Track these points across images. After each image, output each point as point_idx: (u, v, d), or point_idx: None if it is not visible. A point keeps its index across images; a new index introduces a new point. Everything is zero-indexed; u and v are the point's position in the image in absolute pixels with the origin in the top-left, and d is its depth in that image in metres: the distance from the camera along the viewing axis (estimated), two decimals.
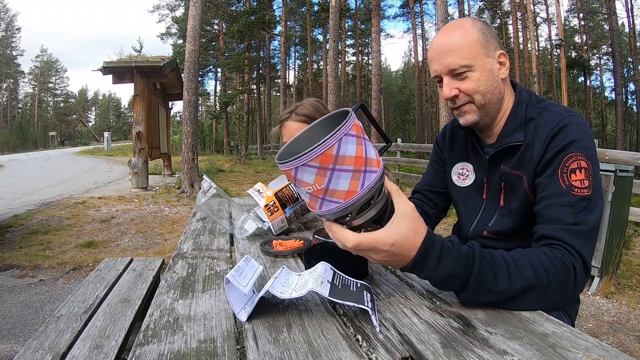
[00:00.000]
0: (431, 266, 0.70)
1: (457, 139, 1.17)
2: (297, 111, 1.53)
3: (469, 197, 1.12)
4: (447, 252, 0.71)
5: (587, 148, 0.88)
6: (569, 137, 0.88)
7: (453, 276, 0.71)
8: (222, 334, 0.68)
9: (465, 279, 0.71)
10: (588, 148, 0.88)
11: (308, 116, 1.50)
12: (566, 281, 0.77)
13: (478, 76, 0.95)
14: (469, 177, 1.12)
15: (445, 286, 0.75)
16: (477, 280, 0.71)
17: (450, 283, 0.73)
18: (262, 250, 1.15)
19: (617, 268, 3.22)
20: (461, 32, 0.95)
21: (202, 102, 42.88)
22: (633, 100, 25.41)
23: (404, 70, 51.81)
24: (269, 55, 27.10)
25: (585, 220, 0.83)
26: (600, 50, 30.11)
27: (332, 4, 11.85)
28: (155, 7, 35.02)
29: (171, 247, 4.27)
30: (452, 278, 0.71)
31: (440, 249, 0.70)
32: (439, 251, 0.70)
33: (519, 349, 0.60)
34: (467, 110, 0.99)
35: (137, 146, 8.35)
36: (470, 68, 0.94)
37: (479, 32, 0.95)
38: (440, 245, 0.71)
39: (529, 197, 0.95)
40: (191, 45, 8.17)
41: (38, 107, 59.88)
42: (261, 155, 21.52)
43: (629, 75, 24.15)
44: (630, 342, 2.40)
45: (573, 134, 0.88)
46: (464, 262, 0.71)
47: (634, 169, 3.46)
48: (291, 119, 1.52)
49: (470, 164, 1.12)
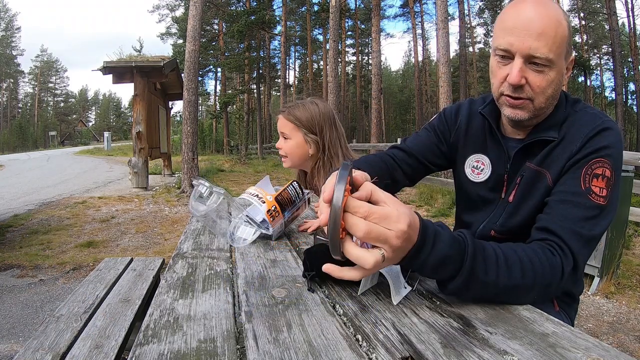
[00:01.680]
0: (427, 251, 0.64)
1: (474, 127, 1.06)
2: (291, 109, 1.59)
3: (482, 194, 1.04)
4: (439, 235, 0.66)
5: (616, 159, 0.85)
6: (604, 141, 0.85)
7: (448, 259, 0.66)
8: (222, 334, 0.68)
9: (459, 263, 0.67)
10: (617, 159, 0.86)
11: (296, 117, 1.56)
12: (552, 283, 0.76)
13: (553, 76, 0.85)
14: (484, 171, 1.03)
15: (436, 273, 0.70)
16: (470, 266, 0.68)
17: (443, 268, 0.68)
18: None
19: (617, 268, 3.22)
20: (557, 20, 0.83)
21: (202, 102, 42.89)
22: (633, 100, 25.40)
23: (404, 70, 51.81)
24: (269, 55, 27.11)
25: (592, 227, 0.81)
26: (601, 50, 30.13)
27: (332, 3, 11.85)
28: (155, 7, 35.04)
29: (171, 247, 4.27)
30: (446, 261, 0.66)
31: (434, 231, 0.66)
32: (433, 234, 0.65)
33: (519, 348, 0.60)
34: (522, 106, 0.88)
35: (137, 146, 8.35)
36: (551, 64, 0.83)
37: (568, 29, 0.85)
38: (433, 228, 0.66)
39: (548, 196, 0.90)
40: (191, 45, 8.17)
41: (38, 107, 59.88)
42: (261, 155, 21.52)
43: (629, 75, 24.16)
44: (630, 342, 2.40)
45: (609, 139, 0.86)
46: (457, 246, 0.67)
47: (634, 169, 3.45)
48: (282, 114, 1.60)
49: (487, 156, 1.03)
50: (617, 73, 18.25)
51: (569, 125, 0.91)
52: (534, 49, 0.81)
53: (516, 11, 0.85)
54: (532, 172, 0.93)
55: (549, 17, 0.82)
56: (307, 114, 1.56)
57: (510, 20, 0.84)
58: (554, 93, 0.88)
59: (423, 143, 1.13)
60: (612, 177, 0.84)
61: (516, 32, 0.82)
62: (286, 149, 1.59)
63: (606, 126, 0.87)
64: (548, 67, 0.84)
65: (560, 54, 0.84)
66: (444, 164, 1.15)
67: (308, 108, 1.58)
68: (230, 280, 0.94)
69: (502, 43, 0.85)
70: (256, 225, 1.27)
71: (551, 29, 0.81)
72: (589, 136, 0.86)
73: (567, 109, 0.94)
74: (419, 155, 1.12)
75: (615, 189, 0.84)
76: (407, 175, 1.13)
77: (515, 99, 0.87)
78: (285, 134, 1.58)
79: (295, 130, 1.57)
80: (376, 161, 1.10)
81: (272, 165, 15.92)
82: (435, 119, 1.15)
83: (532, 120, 0.94)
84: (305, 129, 1.56)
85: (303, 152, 1.59)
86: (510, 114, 0.90)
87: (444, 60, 9.48)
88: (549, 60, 0.82)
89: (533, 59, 0.83)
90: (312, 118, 1.56)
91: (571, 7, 28.65)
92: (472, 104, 1.07)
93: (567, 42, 0.85)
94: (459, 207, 1.16)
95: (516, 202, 0.96)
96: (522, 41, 0.82)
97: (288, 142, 1.58)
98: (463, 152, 1.09)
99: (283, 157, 1.62)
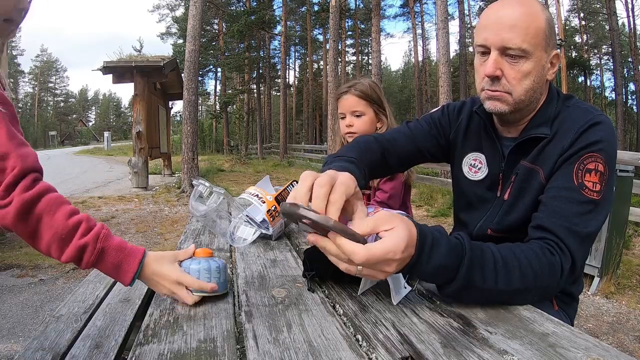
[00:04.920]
0: (423, 261, 0.66)
1: (473, 126, 1.07)
2: (356, 87, 1.64)
3: (479, 193, 1.05)
4: (437, 243, 0.67)
5: (609, 153, 0.85)
6: (596, 136, 0.85)
7: (443, 268, 0.68)
8: (222, 334, 0.68)
9: (454, 271, 0.69)
10: (610, 153, 0.85)
11: (365, 93, 1.61)
12: (551, 283, 0.76)
13: (529, 68, 0.86)
14: (482, 169, 1.03)
15: (434, 279, 0.73)
16: (466, 273, 0.69)
17: (439, 276, 0.70)
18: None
19: (617, 268, 3.22)
20: (531, 12, 0.85)
21: (202, 101, 42.84)
22: (633, 100, 25.38)
23: (404, 70, 51.75)
24: (269, 55, 27.08)
25: (587, 223, 0.81)
26: (601, 50, 30.10)
27: (332, 3, 11.84)
28: (155, 7, 34.99)
29: (171, 247, 4.26)
30: (441, 271, 0.68)
31: (432, 241, 0.67)
32: (431, 244, 0.67)
33: (519, 348, 0.60)
34: (500, 98, 0.90)
35: (137, 146, 8.34)
36: (526, 55, 0.85)
37: (547, 22, 0.86)
38: (431, 237, 0.67)
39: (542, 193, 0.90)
40: (191, 45, 8.16)
41: (38, 106, 59.87)
42: (261, 155, 21.53)
43: (629, 75, 24.13)
44: (630, 342, 2.40)
45: (601, 134, 0.85)
46: (454, 254, 0.69)
47: (634, 169, 3.45)
48: (350, 93, 1.64)
49: (483, 154, 1.04)
50: (617, 73, 18.25)
51: (561, 121, 0.91)
52: (507, 40, 0.84)
53: (491, 9, 0.90)
54: (526, 169, 0.93)
55: (521, 10, 0.85)
56: (373, 91, 1.63)
57: (486, 18, 0.89)
58: (533, 85, 0.89)
59: (424, 132, 1.13)
60: (605, 171, 0.83)
61: (490, 27, 0.87)
62: (359, 126, 1.63)
63: (598, 120, 0.86)
64: (524, 58, 0.86)
65: (536, 45, 0.85)
66: (440, 156, 1.16)
67: (371, 85, 1.65)
68: (230, 280, 0.94)
69: (478, 40, 0.90)
70: (256, 225, 1.27)
71: (523, 21, 0.84)
72: (580, 131, 0.86)
73: (559, 105, 0.94)
74: (418, 142, 1.13)
75: (609, 183, 0.84)
76: (401, 160, 1.12)
77: (493, 90, 0.90)
78: (358, 111, 1.63)
79: (368, 106, 1.63)
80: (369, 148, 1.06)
81: (272, 165, 15.92)
82: (438, 113, 1.15)
83: (516, 115, 0.94)
84: (377, 104, 1.64)
85: (374, 128, 1.65)
86: (490, 106, 0.92)
87: (444, 60, 9.47)
88: (523, 50, 0.84)
89: (507, 50, 0.85)
90: (378, 94, 1.64)
91: (571, 7, 28.66)
92: (474, 103, 1.07)
93: (544, 34, 0.86)
94: (457, 207, 1.16)
95: (511, 200, 0.96)
96: (496, 34, 0.85)
97: (361, 118, 1.63)
98: (461, 150, 1.09)
99: (352, 135, 1.64)
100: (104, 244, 0.77)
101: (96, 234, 0.77)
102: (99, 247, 0.76)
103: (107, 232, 0.79)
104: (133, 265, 0.78)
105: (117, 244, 0.78)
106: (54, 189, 0.80)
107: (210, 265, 0.81)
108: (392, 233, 0.63)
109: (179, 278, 0.79)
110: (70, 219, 0.76)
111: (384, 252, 0.62)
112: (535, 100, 0.93)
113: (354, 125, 1.63)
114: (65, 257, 0.75)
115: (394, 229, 0.64)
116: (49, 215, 0.75)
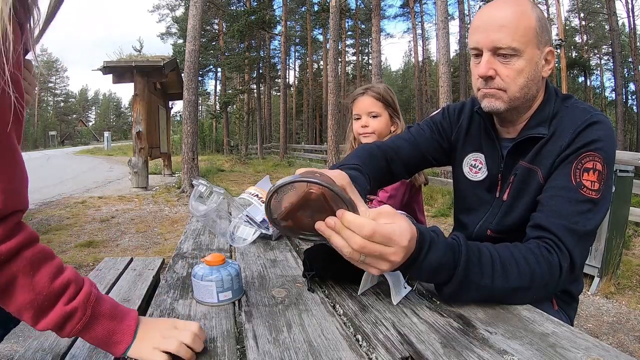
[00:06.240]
0: (421, 259, 0.67)
1: (474, 127, 1.07)
2: (372, 89, 1.70)
3: (479, 193, 1.05)
4: (434, 242, 0.68)
5: (607, 152, 0.85)
6: (594, 135, 0.85)
7: (441, 267, 0.69)
8: (222, 334, 0.68)
9: (452, 270, 0.70)
10: (608, 152, 0.85)
11: (382, 95, 1.66)
12: (550, 282, 0.77)
13: (522, 65, 0.87)
14: (482, 170, 1.04)
15: (431, 278, 0.73)
16: (464, 272, 0.70)
17: (438, 274, 0.71)
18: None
19: (617, 268, 3.22)
20: (519, 11, 0.86)
21: (202, 101, 42.86)
22: (633, 100, 25.39)
23: (404, 70, 51.77)
24: (269, 55, 27.10)
25: (585, 222, 0.81)
26: (601, 50, 30.10)
27: (332, 4, 11.84)
28: (155, 7, 34.98)
29: (171, 247, 4.26)
30: (440, 268, 0.69)
31: (430, 239, 0.68)
32: (429, 242, 0.68)
33: (519, 348, 0.60)
34: (495, 96, 0.91)
35: (137, 146, 8.34)
36: (517, 53, 0.86)
37: (537, 19, 0.87)
38: (429, 236, 0.68)
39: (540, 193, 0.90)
40: (191, 45, 8.16)
41: (38, 106, 59.87)
42: (261, 155, 21.53)
43: (629, 75, 24.13)
44: (630, 342, 2.40)
45: (599, 133, 0.85)
46: (451, 252, 0.70)
47: (634, 169, 3.45)
48: (367, 94, 1.69)
49: (483, 155, 1.04)
50: (617, 73, 18.23)
51: (558, 121, 0.92)
52: (496, 40, 0.86)
53: (481, 12, 0.92)
54: (524, 170, 0.94)
55: (510, 10, 0.87)
56: (389, 94, 1.69)
57: (476, 22, 0.91)
58: (528, 82, 0.89)
59: (427, 137, 1.14)
60: (604, 170, 0.84)
61: (480, 29, 0.89)
62: (375, 127, 1.66)
63: (595, 120, 0.87)
64: (515, 57, 0.87)
65: (527, 42, 0.86)
66: (444, 160, 1.16)
67: (386, 89, 1.71)
68: None
69: (471, 43, 0.92)
70: (256, 225, 1.27)
71: (512, 21, 0.86)
72: (577, 130, 0.87)
73: (557, 105, 0.94)
74: (422, 148, 1.13)
75: (608, 182, 0.84)
76: (406, 166, 1.13)
77: (488, 89, 0.91)
78: (374, 112, 1.67)
79: (384, 108, 1.67)
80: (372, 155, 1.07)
81: (272, 165, 15.92)
82: (438, 115, 1.15)
83: (513, 114, 0.95)
84: (392, 107, 1.69)
85: (388, 130, 1.69)
86: (486, 104, 0.93)
87: (444, 60, 9.47)
88: (514, 49, 0.86)
89: (498, 50, 0.87)
90: (393, 98, 1.70)
91: (571, 7, 28.67)
92: (474, 104, 1.07)
93: (535, 31, 0.87)
94: (457, 207, 1.17)
95: (510, 200, 0.97)
96: (486, 36, 0.88)
97: (378, 119, 1.67)
98: (462, 150, 1.09)
99: (368, 135, 1.67)
100: (95, 310, 0.62)
101: (86, 296, 0.63)
102: (88, 314, 0.62)
103: (97, 294, 0.65)
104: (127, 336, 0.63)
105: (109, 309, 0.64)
106: (36, 237, 0.62)
107: (230, 273, 0.79)
108: (396, 223, 0.64)
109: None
110: (55, 281, 0.61)
111: (390, 231, 0.62)
112: (531, 98, 0.93)
113: (369, 126, 1.67)
114: (44, 324, 0.60)
115: (396, 222, 0.64)
116: (26, 277, 0.59)
